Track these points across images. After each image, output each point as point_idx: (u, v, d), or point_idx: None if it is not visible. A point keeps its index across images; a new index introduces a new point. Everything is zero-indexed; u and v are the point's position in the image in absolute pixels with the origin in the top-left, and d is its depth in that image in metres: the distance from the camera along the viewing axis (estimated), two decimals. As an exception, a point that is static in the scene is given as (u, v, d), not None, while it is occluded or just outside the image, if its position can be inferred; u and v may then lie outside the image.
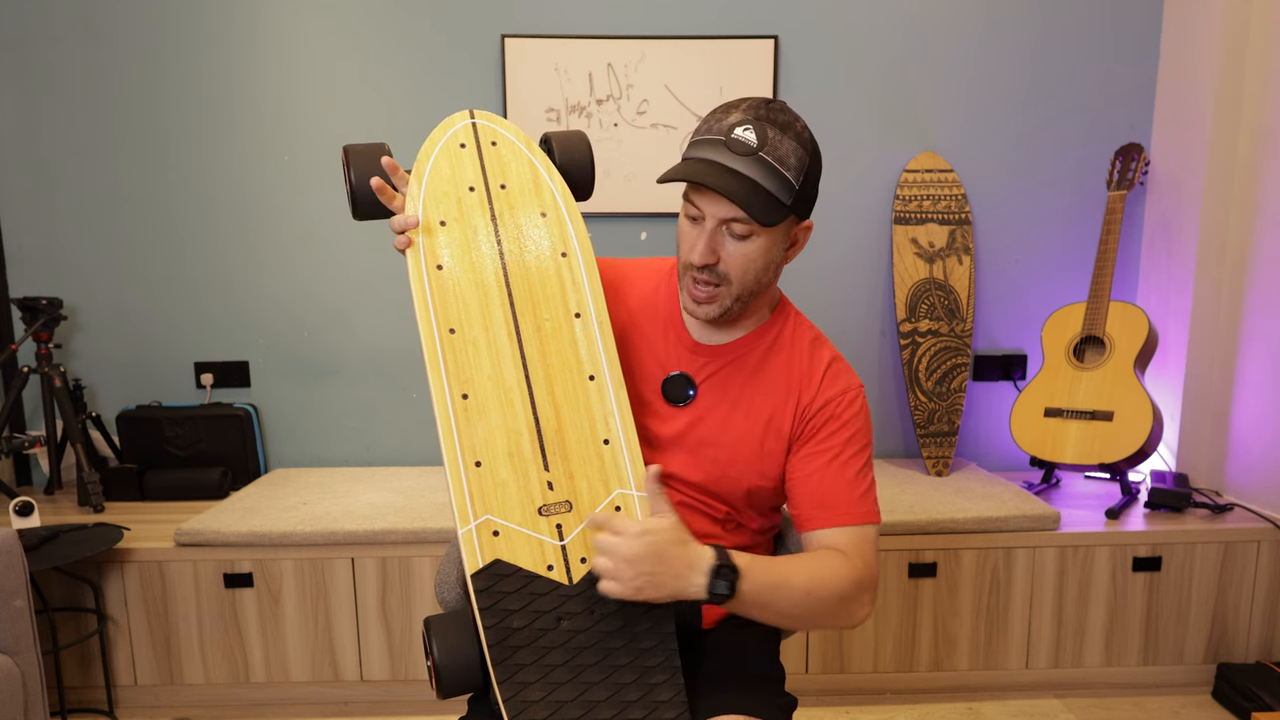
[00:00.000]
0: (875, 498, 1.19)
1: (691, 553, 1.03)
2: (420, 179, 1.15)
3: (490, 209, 1.17)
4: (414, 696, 2.26)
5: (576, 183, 1.23)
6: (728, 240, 1.11)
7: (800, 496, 1.18)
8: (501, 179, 1.18)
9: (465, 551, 1.06)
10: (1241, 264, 2.50)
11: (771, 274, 1.17)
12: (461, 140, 1.18)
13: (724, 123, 1.10)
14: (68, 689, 2.20)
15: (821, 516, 1.16)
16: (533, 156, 1.21)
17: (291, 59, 2.63)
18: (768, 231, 1.11)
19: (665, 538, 1.03)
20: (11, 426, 2.65)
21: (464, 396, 1.10)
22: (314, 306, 2.74)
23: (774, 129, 1.08)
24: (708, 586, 1.02)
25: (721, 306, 1.15)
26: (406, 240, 1.13)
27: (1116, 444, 2.38)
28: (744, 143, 1.08)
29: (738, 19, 2.64)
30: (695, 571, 1.02)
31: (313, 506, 2.33)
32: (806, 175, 1.11)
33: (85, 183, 2.65)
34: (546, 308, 1.16)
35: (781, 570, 1.08)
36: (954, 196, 2.68)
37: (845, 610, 1.11)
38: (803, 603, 1.08)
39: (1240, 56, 2.46)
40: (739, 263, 1.12)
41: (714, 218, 1.10)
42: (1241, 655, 2.33)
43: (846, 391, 1.20)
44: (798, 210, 1.12)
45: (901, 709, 2.26)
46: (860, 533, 1.15)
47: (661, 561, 1.02)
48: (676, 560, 1.02)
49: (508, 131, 1.21)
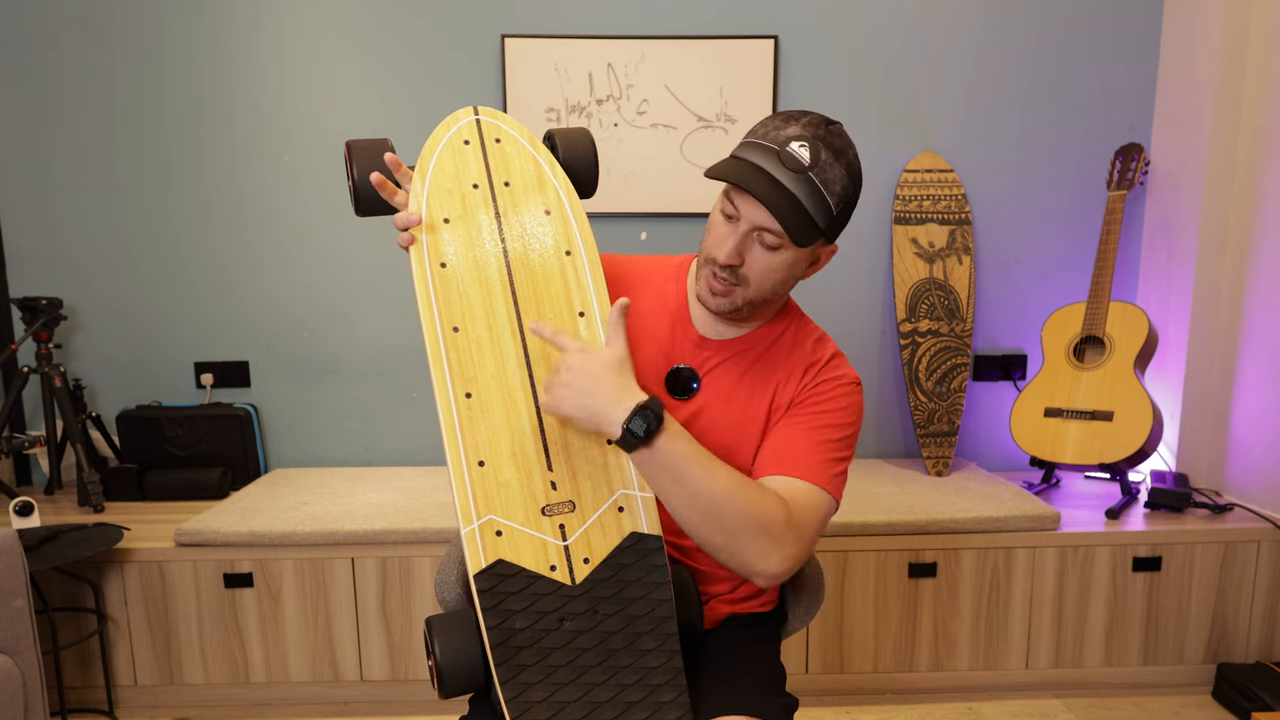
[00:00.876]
0: (840, 477, 1.15)
1: (624, 385, 1.03)
2: (424, 176, 1.15)
3: (494, 206, 1.17)
4: (414, 696, 2.26)
5: (581, 180, 1.22)
6: (756, 247, 1.12)
7: (765, 449, 1.18)
8: (506, 176, 1.18)
9: (468, 551, 1.05)
10: (1241, 264, 2.50)
11: (787, 286, 1.18)
12: (465, 137, 1.18)
13: (782, 133, 1.09)
14: (68, 689, 2.20)
15: (773, 464, 1.14)
16: (536, 154, 1.20)
17: (291, 59, 2.63)
18: (796, 248, 1.12)
19: (603, 361, 1.03)
20: (11, 426, 2.65)
21: (467, 395, 1.10)
22: (314, 306, 2.74)
23: (828, 152, 1.08)
24: (625, 421, 1.00)
25: (733, 304, 1.16)
26: (410, 237, 1.12)
27: (1116, 444, 2.38)
28: (797, 159, 1.08)
29: (738, 19, 2.64)
30: (618, 406, 1.01)
31: (313, 506, 2.33)
32: (846, 203, 1.12)
33: (85, 183, 2.65)
34: (550, 306, 1.15)
35: (712, 459, 1.05)
36: (954, 196, 2.68)
37: (757, 544, 1.03)
38: (717, 498, 1.02)
39: (1240, 56, 2.46)
40: (761, 270, 1.13)
41: (749, 222, 1.10)
42: (1241, 655, 2.33)
43: (841, 380, 1.21)
44: (829, 234, 1.13)
45: (901, 709, 2.26)
46: (807, 489, 1.10)
47: (590, 380, 1.02)
48: (605, 385, 1.02)
49: (512, 128, 1.20)
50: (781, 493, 1.09)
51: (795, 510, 1.07)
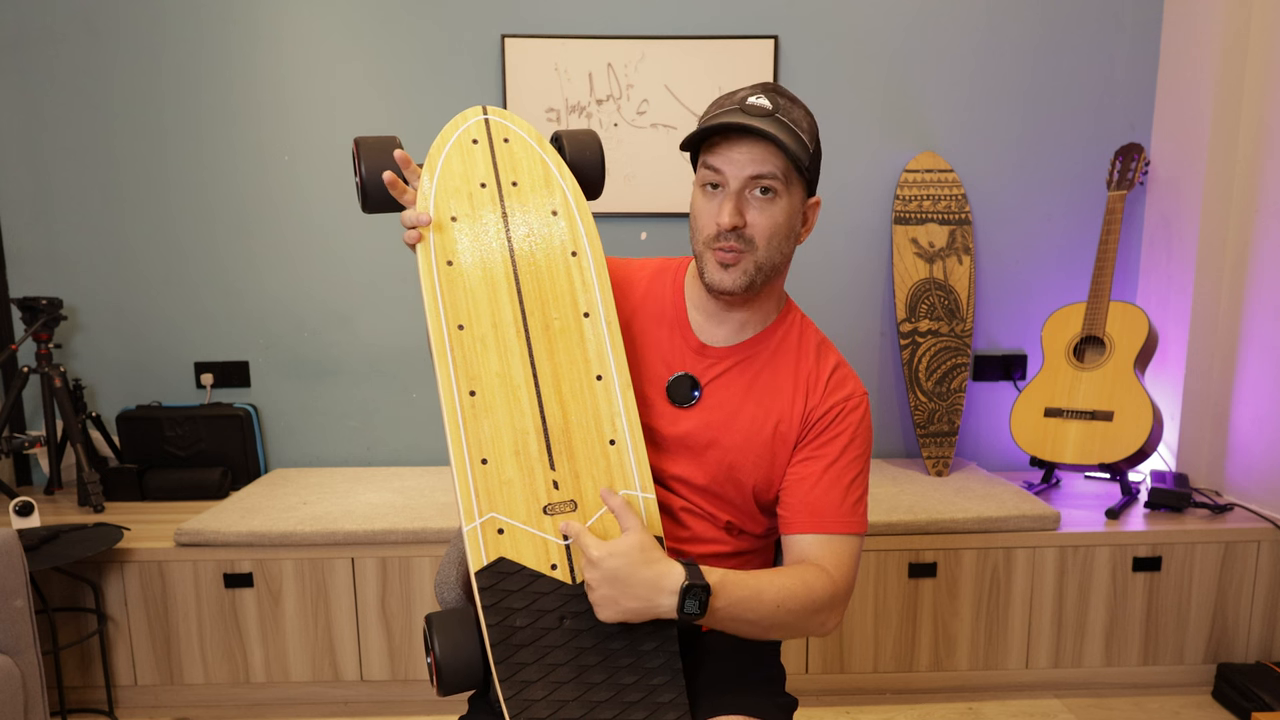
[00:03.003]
0: (865, 507, 1.19)
1: (659, 572, 1.00)
2: (432, 174, 1.15)
3: (501, 206, 1.17)
4: (414, 696, 2.26)
5: (587, 181, 1.23)
6: (753, 202, 1.11)
7: (791, 499, 1.18)
8: (513, 176, 1.18)
9: (470, 549, 1.05)
10: (1241, 264, 2.50)
11: (790, 246, 1.17)
12: (474, 136, 1.18)
13: (734, 96, 1.13)
14: (68, 689, 2.20)
15: (807, 521, 1.15)
16: (545, 154, 1.20)
17: (291, 59, 2.63)
18: (788, 194, 1.12)
19: (626, 561, 1.00)
20: (11, 426, 2.65)
21: (471, 393, 1.10)
22: (314, 306, 2.74)
23: (783, 99, 1.12)
24: (677, 607, 0.99)
25: (745, 273, 1.13)
26: (417, 235, 1.12)
27: (1116, 444, 2.38)
28: (760, 107, 1.10)
29: (738, 19, 2.64)
30: (662, 593, 1.00)
31: (313, 506, 2.33)
32: (818, 145, 1.14)
33: (85, 183, 2.65)
34: (556, 306, 1.15)
35: (754, 585, 1.06)
36: (954, 196, 2.68)
37: (815, 621, 1.10)
38: (771, 615, 1.07)
39: (1240, 56, 2.46)
40: (766, 227, 1.11)
41: (738, 178, 1.10)
42: (1241, 655, 2.33)
43: (850, 398, 1.20)
44: (810, 178, 1.14)
45: (901, 709, 2.26)
46: (843, 543, 1.15)
47: (623, 585, 1.00)
48: (639, 583, 1.00)
49: (520, 128, 1.20)
50: (821, 553, 1.13)
51: (836, 571, 1.12)
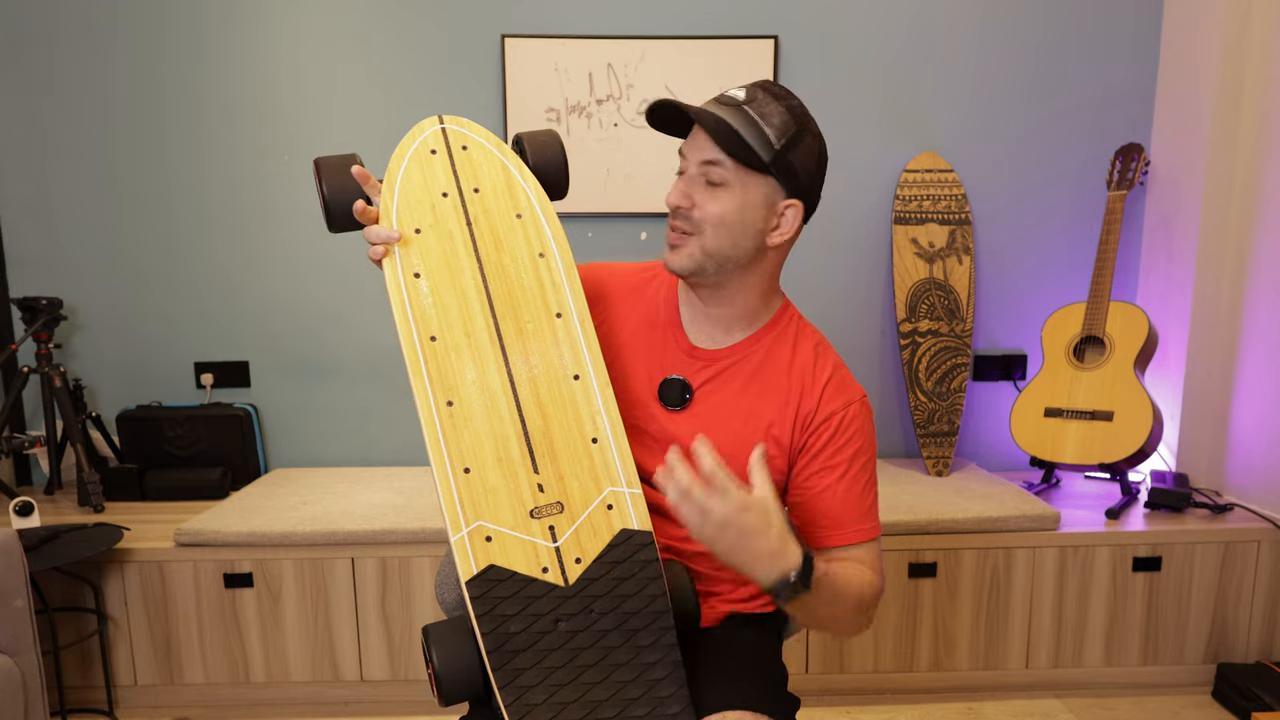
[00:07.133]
0: (878, 508, 1.22)
1: (776, 544, 0.97)
2: (392, 188, 1.15)
3: (465, 214, 1.17)
4: (414, 697, 2.26)
5: (550, 182, 1.22)
6: (702, 188, 1.13)
7: (812, 514, 1.18)
8: (474, 183, 1.18)
9: (459, 559, 1.05)
10: (1241, 264, 2.50)
11: (749, 242, 1.14)
12: (432, 146, 1.18)
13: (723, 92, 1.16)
14: (68, 689, 2.20)
15: (834, 535, 1.18)
16: (504, 159, 1.20)
17: (291, 59, 2.63)
18: (743, 186, 1.11)
19: (758, 521, 0.95)
20: (11, 426, 2.65)
21: (449, 404, 1.10)
22: (314, 306, 2.74)
23: (766, 94, 1.13)
24: (774, 587, 0.98)
25: (690, 257, 1.14)
26: (382, 251, 1.12)
27: (1116, 444, 2.38)
28: (732, 97, 1.13)
29: (738, 19, 2.64)
30: (772, 569, 0.97)
31: (313, 506, 2.33)
32: (791, 143, 1.11)
33: (85, 183, 2.65)
34: (527, 309, 1.15)
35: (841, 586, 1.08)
36: (954, 196, 2.68)
37: (861, 619, 1.15)
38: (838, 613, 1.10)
39: (1240, 56, 2.45)
40: (713, 215, 1.13)
41: (694, 163, 1.14)
42: (1241, 655, 2.33)
43: (850, 404, 1.19)
44: (780, 176, 1.12)
45: (901, 709, 2.26)
46: (871, 548, 1.19)
47: (745, 538, 0.95)
48: (759, 547, 0.96)
49: (478, 135, 1.21)
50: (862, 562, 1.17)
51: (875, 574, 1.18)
